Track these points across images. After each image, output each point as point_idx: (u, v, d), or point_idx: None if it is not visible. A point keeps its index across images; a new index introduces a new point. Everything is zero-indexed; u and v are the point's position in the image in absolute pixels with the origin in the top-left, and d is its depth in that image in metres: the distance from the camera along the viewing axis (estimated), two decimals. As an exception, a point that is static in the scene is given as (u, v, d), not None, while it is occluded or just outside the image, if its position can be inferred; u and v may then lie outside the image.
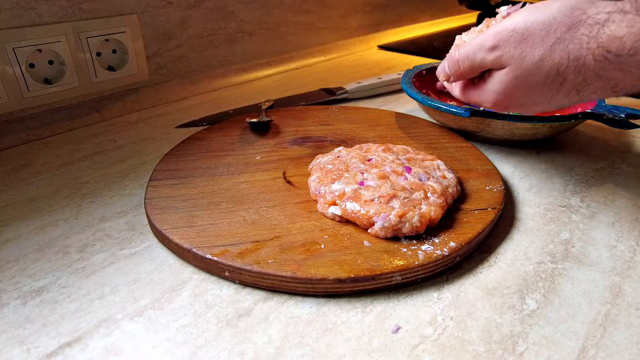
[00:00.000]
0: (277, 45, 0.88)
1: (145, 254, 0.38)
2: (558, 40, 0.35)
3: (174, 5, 0.70)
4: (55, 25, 0.57)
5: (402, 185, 0.40)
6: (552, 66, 0.36)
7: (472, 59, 0.41)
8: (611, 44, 0.33)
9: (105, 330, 0.31)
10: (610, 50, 0.33)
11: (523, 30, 0.36)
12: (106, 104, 0.66)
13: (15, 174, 0.50)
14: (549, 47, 0.35)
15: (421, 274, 0.34)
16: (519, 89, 0.38)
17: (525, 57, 0.37)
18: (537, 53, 0.36)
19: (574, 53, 0.34)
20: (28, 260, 0.37)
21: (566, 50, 0.35)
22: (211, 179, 0.45)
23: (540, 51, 0.36)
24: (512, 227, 0.41)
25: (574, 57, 0.34)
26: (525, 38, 0.36)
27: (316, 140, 0.55)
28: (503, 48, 0.38)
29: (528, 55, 0.36)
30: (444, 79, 0.46)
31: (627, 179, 0.49)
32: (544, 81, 0.37)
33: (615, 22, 0.32)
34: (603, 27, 0.33)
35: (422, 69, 0.67)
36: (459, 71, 0.43)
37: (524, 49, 0.37)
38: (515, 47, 0.37)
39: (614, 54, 0.33)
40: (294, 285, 0.33)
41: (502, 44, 0.38)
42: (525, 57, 0.37)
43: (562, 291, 0.34)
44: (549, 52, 0.35)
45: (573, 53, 0.34)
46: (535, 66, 0.36)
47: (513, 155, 0.54)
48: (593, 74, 0.34)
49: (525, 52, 0.37)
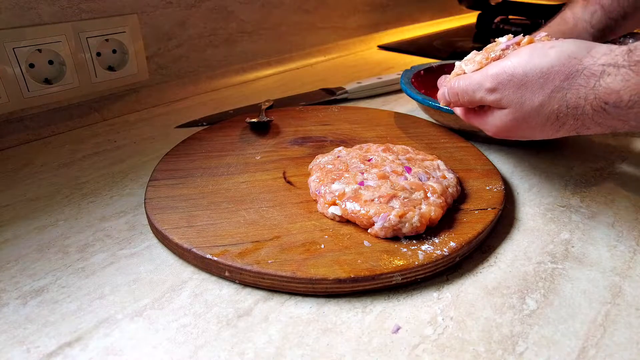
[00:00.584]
0: (277, 45, 0.88)
1: (145, 254, 0.38)
2: (556, 88, 0.35)
3: (174, 5, 0.70)
4: (55, 25, 0.57)
5: (402, 185, 0.40)
6: (552, 112, 0.36)
7: (472, 96, 0.41)
8: (608, 97, 0.33)
9: (105, 330, 0.31)
10: (608, 102, 0.33)
11: (522, 76, 0.37)
12: (106, 104, 0.66)
13: (15, 174, 0.50)
14: (547, 94, 0.36)
15: (421, 274, 0.34)
16: (520, 127, 0.39)
17: (525, 102, 0.37)
18: (537, 99, 0.36)
19: (573, 102, 0.35)
20: (28, 260, 0.37)
21: (564, 99, 0.35)
22: (211, 178, 0.45)
23: (540, 98, 0.36)
24: (512, 227, 0.41)
25: (572, 105, 0.35)
26: (524, 84, 0.37)
27: (316, 140, 0.55)
28: (502, 91, 0.38)
29: (527, 100, 0.37)
30: (444, 104, 0.46)
31: (627, 179, 0.49)
32: (544, 123, 0.37)
33: (611, 75, 0.33)
34: (599, 80, 0.33)
35: (421, 69, 0.67)
36: (458, 102, 0.44)
37: (523, 95, 0.37)
38: (515, 92, 0.37)
39: (612, 106, 0.33)
40: (294, 285, 0.33)
41: (501, 87, 0.38)
42: (524, 102, 0.37)
43: (562, 291, 0.34)
44: (547, 100, 0.36)
45: (571, 102, 0.35)
46: (534, 111, 0.37)
47: (513, 155, 0.54)
48: (592, 121, 0.35)
49: (524, 98, 0.37)
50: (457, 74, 0.45)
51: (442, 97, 0.46)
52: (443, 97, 0.45)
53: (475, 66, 0.42)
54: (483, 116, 0.42)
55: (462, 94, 0.42)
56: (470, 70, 0.43)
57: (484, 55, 0.42)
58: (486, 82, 0.39)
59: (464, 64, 0.44)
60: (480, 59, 0.42)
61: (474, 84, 0.40)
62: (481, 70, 0.41)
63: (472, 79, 0.41)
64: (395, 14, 1.14)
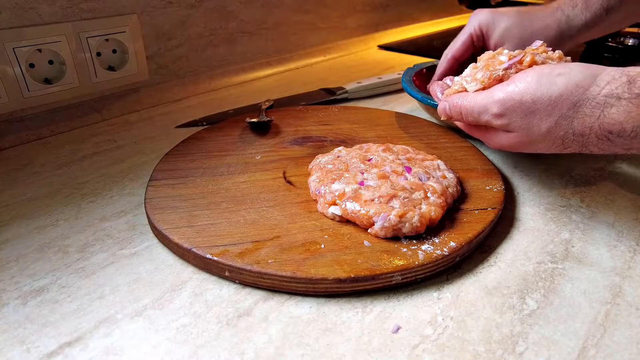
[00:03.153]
0: (277, 45, 0.88)
1: (146, 254, 0.38)
2: (563, 116, 0.36)
3: (174, 5, 0.70)
4: (55, 25, 0.57)
5: (402, 185, 0.40)
6: (557, 137, 0.37)
7: (477, 117, 0.41)
8: (612, 127, 0.34)
9: (105, 330, 0.31)
10: (612, 132, 0.34)
11: (530, 104, 0.37)
12: (106, 104, 0.66)
13: (15, 174, 0.50)
14: (554, 121, 0.37)
15: (421, 273, 0.34)
16: (525, 148, 0.40)
17: (532, 128, 0.38)
18: (544, 126, 0.37)
19: (579, 130, 0.36)
20: (28, 260, 0.37)
21: (571, 127, 0.36)
22: (211, 178, 0.45)
23: (547, 125, 0.37)
24: (512, 227, 0.41)
25: (578, 133, 0.36)
26: (533, 112, 0.37)
27: (316, 140, 0.55)
28: (510, 117, 0.38)
29: (535, 127, 0.38)
30: (445, 119, 0.46)
31: (627, 179, 0.49)
32: (549, 147, 0.39)
33: (614, 107, 0.34)
34: (603, 111, 0.34)
35: (423, 67, 0.67)
36: (461, 120, 0.44)
37: (530, 122, 0.38)
38: (523, 119, 0.38)
39: (616, 135, 0.34)
40: (294, 285, 0.33)
41: (508, 113, 0.38)
42: (532, 129, 0.38)
43: (562, 291, 0.34)
44: (554, 127, 0.37)
45: (577, 130, 0.36)
46: (541, 136, 0.38)
47: (513, 155, 0.54)
48: (596, 148, 0.36)
49: (532, 124, 0.38)
50: (458, 90, 0.44)
51: (444, 112, 0.45)
52: (444, 112, 0.45)
53: (478, 85, 0.42)
54: (486, 133, 0.43)
55: (466, 114, 0.42)
56: (472, 89, 0.42)
57: (486, 73, 0.42)
58: (493, 107, 0.39)
59: (464, 81, 0.43)
60: (482, 78, 0.42)
61: (479, 106, 0.40)
62: (486, 93, 0.40)
63: (476, 101, 0.41)
64: (395, 13, 1.14)
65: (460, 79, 0.44)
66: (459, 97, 0.43)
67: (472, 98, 0.41)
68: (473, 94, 0.42)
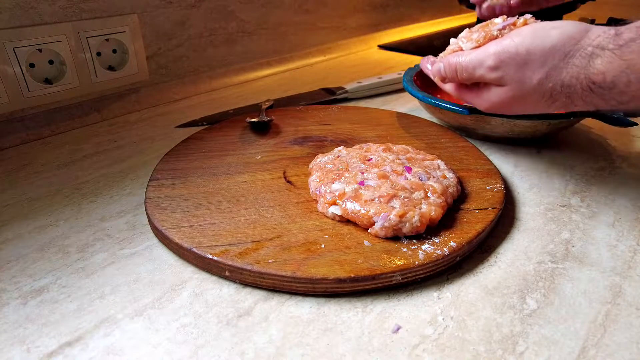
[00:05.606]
0: (277, 45, 0.88)
1: (146, 254, 0.38)
2: (554, 67, 0.38)
3: (174, 5, 0.70)
4: (55, 25, 0.57)
5: (402, 185, 0.40)
6: (547, 90, 0.39)
7: (472, 73, 0.42)
8: (595, 77, 0.36)
9: (105, 330, 0.31)
10: (595, 82, 0.36)
11: (525, 55, 0.39)
12: (106, 103, 0.66)
13: (16, 174, 0.50)
14: (545, 72, 0.38)
15: (421, 273, 0.34)
16: (515, 104, 0.42)
17: (524, 81, 0.39)
18: (535, 78, 0.39)
19: (567, 81, 0.38)
20: (28, 260, 0.37)
21: (560, 78, 0.38)
22: (211, 178, 0.45)
23: (538, 76, 0.39)
24: (512, 227, 0.41)
25: (566, 84, 0.38)
26: (527, 63, 0.39)
27: (316, 140, 0.55)
28: (504, 69, 0.40)
29: (527, 79, 0.39)
30: (438, 79, 0.47)
31: (628, 179, 0.49)
32: (538, 100, 0.40)
33: (600, 57, 0.36)
34: (590, 61, 0.36)
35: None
36: (455, 78, 0.45)
37: (524, 73, 0.39)
38: (517, 71, 0.39)
39: (598, 86, 0.36)
40: (294, 285, 0.33)
41: (503, 65, 0.40)
42: (524, 81, 0.39)
43: (562, 291, 0.34)
44: (545, 78, 0.38)
45: (565, 81, 0.38)
46: (532, 89, 0.39)
47: (513, 154, 0.54)
48: (580, 99, 0.38)
49: (524, 77, 0.39)
50: (454, 50, 0.46)
51: (438, 72, 0.47)
52: (439, 72, 0.47)
53: (473, 44, 0.44)
54: (477, 92, 0.44)
55: (460, 71, 0.43)
56: (468, 48, 0.44)
57: (482, 33, 0.43)
58: (488, 60, 0.40)
59: (460, 41, 0.45)
60: (478, 37, 0.43)
61: (474, 62, 0.42)
62: (482, 48, 0.42)
63: (472, 56, 0.42)
64: (396, 13, 1.14)
65: (457, 39, 0.46)
66: (455, 55, 0.44)
67: (467, 54, 0.43)
68: (468, 50, 0.43)
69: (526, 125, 0.52)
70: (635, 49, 0.34)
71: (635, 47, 0.34)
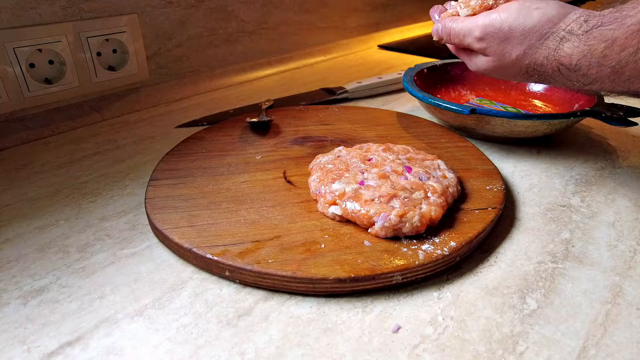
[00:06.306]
0: (278, 44, 0.88)
1: (146, 254, 0.38)
2: (531, 46, 0.41)
3: (174, 5, 0.70)
4: (55, 25, 0.57)
5: (402, 185, 0.40)
6: (523, 66, 0.43)
7: (461, 39, 0.47)
8: (563, 59, 0.40)
9: (105, 330, 0.31)
10: (562, 64, 0.40)
11: (507, 31, 0.42)
12: (106, 103, 0.66)
13: (16, 174, 0.50)
14: (523, 50, 0.42)
15: (421, 273, 0.34)
16: (497, 72, 0.46)
17: (504, 54, 0.43)
18: (514, 54, 0.43)
19: (540, 61, 0.42)
20: (29, 259, 0.37)
21: (534, 57, 0.42)
22: (211, 178, 0.45)
23: (516, 52, 0.42)
24: (512, 227, 0.41)
25: (539, 63, 0.42)
26: (507, 38, 0.43)
27: (316, 140, 0.55)
28: (488, 41, 0.44)
29: (507, 54, 0.43)
30: (436, 39, 0.51)
31: (628, 179, 0.49)
32: (516, 73, 0.44)
33: (569, 41, 0.39)
34: (560, 44, 0.40)
35: (424, 67, 0.67)
36: (449, 41, 0.49)
37: (504, 48, 0.43)
38: (498, 45, 0.43)
39: (565, 68, 0.40)
40: (295, 285, 0.33)
41: (487, 37, 0.44)
42: (504, 55, 0.43)
43: (562, 291, 0.34)
44: (522, 55, 0.42)
45: (539, 61, 0.42)
46: (510, 63, 0.43)
47: (513, 154, 0.54)
48: (551, 78, 0.42)
49: (505, 51, 0.43)
50: (452, 14, 0.49)
51: (436, 32, 0.51)
52: (436, 32, 0.51)
53: (469, 11, 0.47)
54: (470, 55, 0.48)
55: (453, 36, 0.48)
56: (464, 14, 0.47)
57: (478, 1, 0.46)
58: (475, 31, 0.44)
59: (459, 6, 0.48)
60: (474, 5, 0.46)
61: (464, 30, 0.46)
62: (473, 18, 0.45)
63: (463, 24, 0.46)
64: (396, 13, 1.14)
65: (456, 4, 0.49)
66: (451, 20, 0.48)
67: (460, 21, 0.47)
68: (462, 18, 0.47)
69: (526, 126, 0.52)
70: (597, 35, 0.37)
71: (597, 33, 0.37)
